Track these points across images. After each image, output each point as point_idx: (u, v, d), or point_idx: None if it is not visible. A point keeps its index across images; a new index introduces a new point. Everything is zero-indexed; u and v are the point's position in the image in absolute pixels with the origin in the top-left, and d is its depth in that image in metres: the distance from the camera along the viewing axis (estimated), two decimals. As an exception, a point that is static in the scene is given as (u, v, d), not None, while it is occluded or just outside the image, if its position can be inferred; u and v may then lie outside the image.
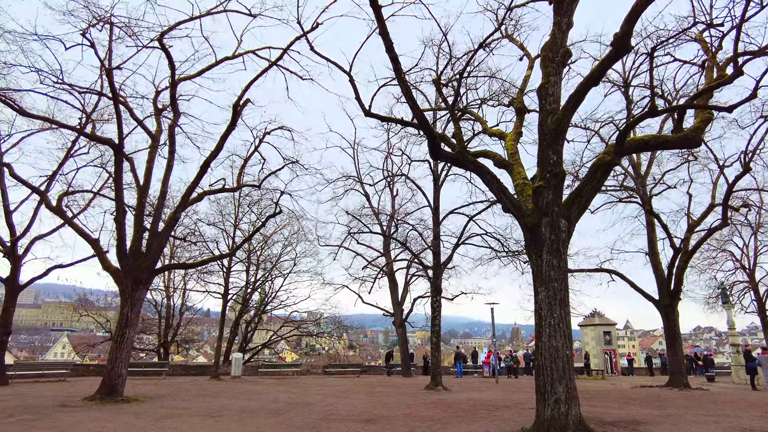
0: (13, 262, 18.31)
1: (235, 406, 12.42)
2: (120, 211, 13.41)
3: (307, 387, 18.91)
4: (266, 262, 32.31)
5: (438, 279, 20.81)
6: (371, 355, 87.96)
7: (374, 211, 29.14)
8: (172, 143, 14.67)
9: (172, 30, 13.66)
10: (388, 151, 26.48)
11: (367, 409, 12.18)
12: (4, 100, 13.24)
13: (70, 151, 18.68)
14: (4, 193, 18.44)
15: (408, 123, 12.98)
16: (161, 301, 31.23)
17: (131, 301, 13.12)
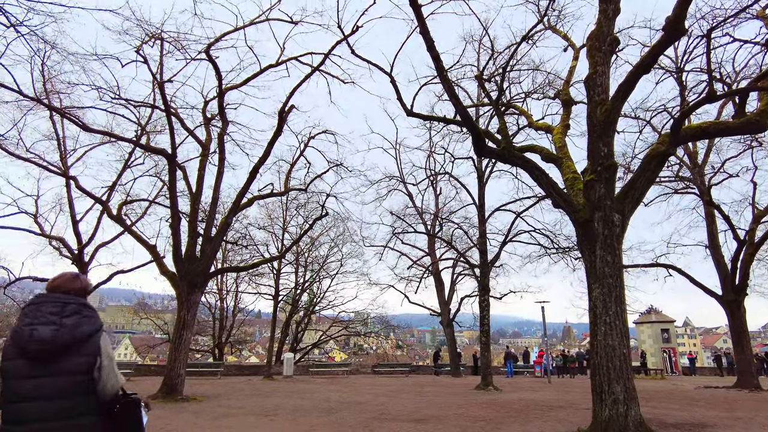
0: (81, 269, 19.55)
1: (288, 405, 12.70)
2: (175, 217, 14.03)
3: (358, 386, 19.09)
4: (314, 263, 32.93)
5: (485, 278, 20.52)
6: (419, 355, 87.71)
7: (418, 210, 29.11)
8: (222, 151, 15.19)
9: (218, 42, 14.16)
10: (430, 149, 26.36)
11: (418, 409, 12.17)
12: (69, 117, 14.15)
13: (128, 162, 19.78)
14: (71, 205, 19.75)
15: (451, 121, 12.89)
16: (215, 304, 32.41)
17: (187, 304, 13.69)
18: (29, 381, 2.31)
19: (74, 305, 2.52)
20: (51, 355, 2.36)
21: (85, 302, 2.60)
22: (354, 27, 13.34)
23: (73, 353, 2.39)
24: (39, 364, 2.34)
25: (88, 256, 19.87)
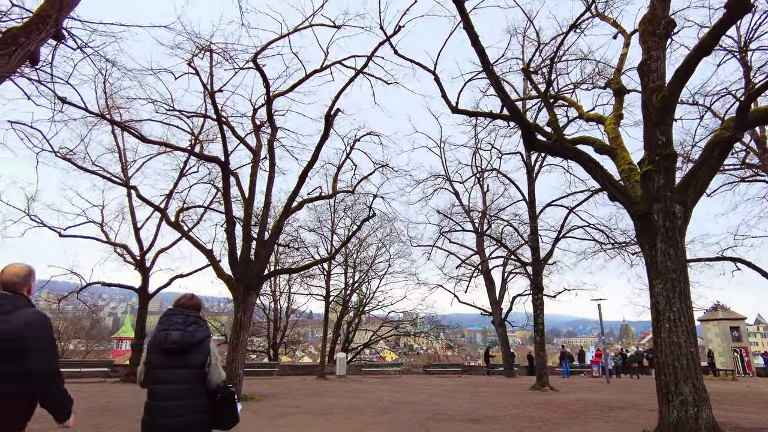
0: (143, 274, 20.63)
1: (342, 404, 12.87)
2: (229, 222, 14.54)
3: (410, 386, 19.10)
4: (362, 264, 33.27)
5: (538, 275, 20.04)
6: (470, 355, 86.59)
7: (465, 208, 28.78)
8: (272, 157, 15.61)
9: (264, 50, 14.54)
10: (476, 146, 26.00)
11: (473, 409, 12.04)
12: (129, 130, 14.96)
13: (183, 170, 20.71)
14: (132, 213, 20.90)
15: (497, 115, 12.68)
16: (269, 305, 33.33)
17: (244, 305, 14.14)
18: (165, 370, 3.32)
19: (193, 317, 3.53)
20: (179, 353, 3.34)
21: (199, 315, 3.61)
22: (396, 27, 13.36)
23: (193, 352, 3.37)
24: (171, 358, 3.33)
25: (149, 262, 20.94)
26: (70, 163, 17.23)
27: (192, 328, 3.44)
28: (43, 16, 6.39)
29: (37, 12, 6.42)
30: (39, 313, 2.97)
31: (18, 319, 2.85)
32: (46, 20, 6.39)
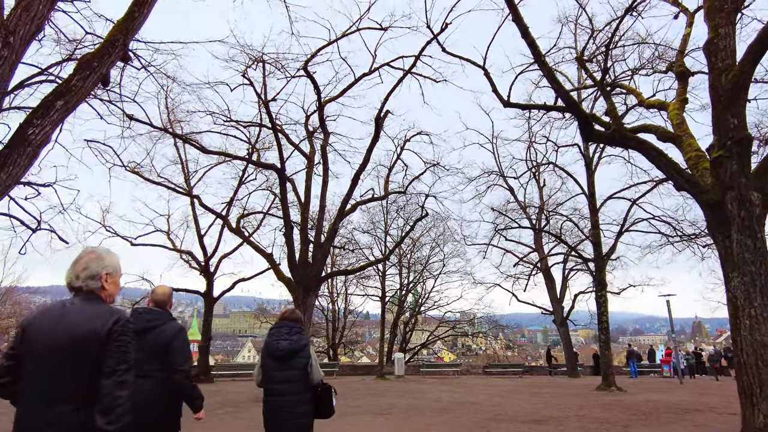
0: (208, 279, 21.62)
1: (401, 404, 12.91)
2: (287, 227, 14.98)
3: (470, 386, 18.87)
4: (416, 264, 33.21)
5: (601, 272, 19.24)
6: (531, 355, 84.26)
7: (521, 204, 28.07)
8: (325, 161, 15.95)
9: (314, 57, 14.88)
10: (529, 140, 25.30)
11: (536, 410, 11.73)
12: (190, 142, 15.75)
13: (242, 178, 21.53)
14: (196, 221, 21.96)
15: (551, 107, 12.31)
16: (327, 306, 33.96)
17: (303, 307, 14.52)
18: (278, 372, 4.17)
19: (296, 328, 4.35)
20: (286, 358, 4.18)
21: (300, 327, 4.43)
22: (443, 25, 13.30)
23: (297, 357, 4.19)
24: (281, 362, 4.18)
25: (213, 267, 21.91)
26: (138, 176, 18.36)
27: (296, 337, 4.27)
28: (112, 41, 6.83)
29: (107, 37, 6.88)
30: (180, 325, 3.80)
31: (168, 331, 3.65)
32: (114, 44, 6.84)
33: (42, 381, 2.16)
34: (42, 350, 2.20)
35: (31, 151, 5.98)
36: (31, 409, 2.16)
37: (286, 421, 4.11)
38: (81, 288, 2.35)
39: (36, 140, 6.01)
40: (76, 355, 2.16)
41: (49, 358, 2.17)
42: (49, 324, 2.23)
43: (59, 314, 2.26)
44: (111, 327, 2.20)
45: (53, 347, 2.17)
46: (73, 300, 2.34)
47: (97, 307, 2.31)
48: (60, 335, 2.18)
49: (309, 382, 4.22)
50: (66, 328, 2.20)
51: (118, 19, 7.13)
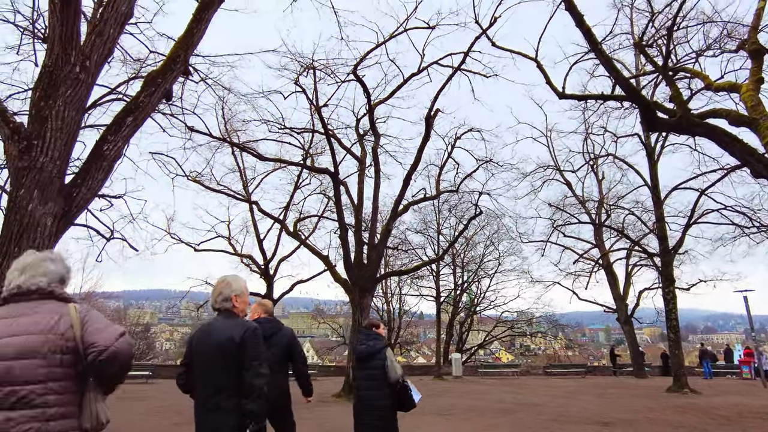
0: (267, 281, 22.36)
1: (462, 405, 12.79)
2: (342, 229, 15.23)
3: (530, 387, 18.44)
4: (471, 263, 32.76)
5: (668, 267, 18.24)
6: (593, 355, 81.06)
7: (579, 199, 27.06)
8: (377, 163, 16.08)
9: (363, 61, 15.04)
10: (586, 132, 24.33)
11: (602, 412, 11.29)
12: (248, 150, 16.35)
13: (297, 183, 22.15)
14: (255, 226, 22.79)
15: (609, 96, 11.85)
16: (381, 307, 34.18)
17: (360, 307, 14.71)
18: (360, 371, 5.00)
19: (373, 335, 5.04)
20: (366, 359, 4.90)
21: (377, 333, 5.10)
22: (492, 19, 13.09)
23: (374, 358, 4.86)
24: (362, 363, 4.94)
25: (272, 270, 22.63)
26: (200, 185, 19.25)
27: (372, 342, 4.95)
28: (174, 57, 7.20)
29: (170, 54, 7.26)
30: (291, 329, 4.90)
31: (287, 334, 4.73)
32: (176, 60, 7.21)
33: (206, 377, 3.03)
34: (202, 355, 3.07)
35: (106, 165, 6.41)
36: (203, 396, 3.03)
37: (368, 412, 4.84)
38: (220, 309, 3.19)
39: (110, 155, 6.43)
40: (223, 357, 2.96)
41: (208, 360, 3.03)
42: (204, 336, 3.11)
43: (209, 329, 3.14)
44: (243, 335, 2.98)
45: (208, 353, 3.03)
46: (217, 318, 3.20)
47: (232, 321, 3.12)
48: (211, 344, 3.03)
49: (387, 380, 4.82)
50: (214, 339, 3.03)
51: (179, 36, 7.50)
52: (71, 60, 6.05)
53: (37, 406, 1.87)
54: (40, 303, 2.08)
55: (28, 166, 5.64)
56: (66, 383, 1.97)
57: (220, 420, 2.91)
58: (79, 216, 7.02)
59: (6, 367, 1.87)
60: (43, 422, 1.87)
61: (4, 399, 1.84)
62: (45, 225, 5.66)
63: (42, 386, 1.90)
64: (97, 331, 2.02)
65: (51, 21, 6.13)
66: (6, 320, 1.99)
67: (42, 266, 2.17)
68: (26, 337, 1.93)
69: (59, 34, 5.97)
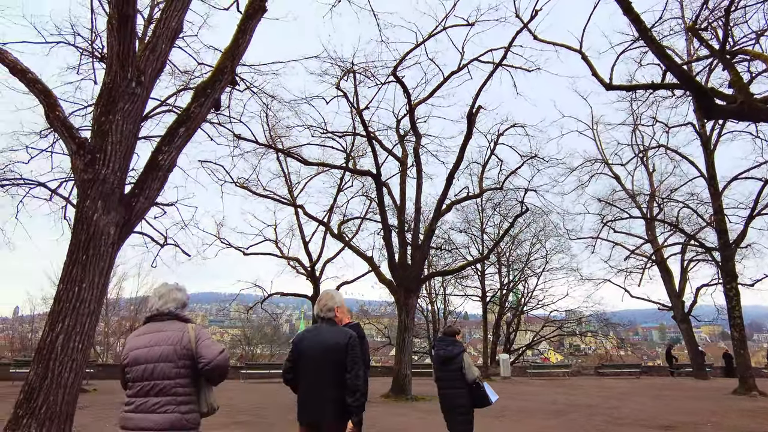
0: (314, 283, 22.76)
1: (513, 406, 12.57)
2: (386, 230, 15.30)
3: (582, 388, 17.93)
4: (517, 262, 32.10)
5: (729, 262, 17.30)
6: (647, 355, 77.82)
7: (629, 193, 26.04)
8: (418, 163, 16.03)
9: (402, 62, 15.07)
10: (634, 123, 23.37)
11: (660, 414, 10.84)
12: (292, 156, 16.70)
13: (340, 186, 22.46)
14: (300, 229, 23.25)
15: (659, 85, 11.36)
16: (426, 307, 34.03)
17: (406, 308, 14.71)
18: (441, 373, 5.69)
19: (450, 340, 5.77)
20: (446, 362, 5.61)
21: (455, 339, 5.81)
22: (533, 12, 12.82)
23: (453, 362, 5.57)
24: (443, 365, 5.65)
25: (318, 271, 23.03)
26: (247, 190, 19.82)
27: (451, 347, 5.67)
28: (221, 68, 7.44)
29: (217, 65, 7.51)
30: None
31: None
32: (223, 70, 7.44)
33: (312, 374, 3.57)
34: (310, 356, 3.61)
35: (161, 175, 6.69)
36: (308, 391, 3.60)
37: (451, 408, 5.61)
38: (324, 318, 3.79)
39: (165, 165, 6.71)
40: (330, 358, 3.54)
41: (315, 360, 3.58)
42: (313, 340, 3.67)
43: (316, 334, 3.72)
44: (347, 341, 3.57)
45: (316, 354, 3.58)
46: (321, 324, 3.78)
47: (335, 328, 3.74)
48: (318, 347, 3.60)
49: (465, 381, 5.53)
50: (321, 343, 3.61)
51: (225, 47, 7.73)
52: (128, 76, 6.36)
53: (171, 394, 2.76)
54: (170, 322, 2.95)
55: (92, 178, 5.97)
56: (187, 380, 2.83)
57: (325, 409, 3.50)
58: (138, 224, 7.38)
59: (152, 368, 2.77)
60: (176, 405, 2.76)
61: (150, 389, 2.75)
62: (108, 233, 5.98)
63: (173, 381, 2.78)
64: (205, 347, 2.84)
65: (109, 40, 6.46)
66: (150, 334, 2.88)
67: (171, 294, 3.03)
68: (163, 347, 2.80)
69: (117, 52, 6.28)
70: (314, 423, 3.60)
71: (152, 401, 2.73)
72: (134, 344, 2.90)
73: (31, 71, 6.64)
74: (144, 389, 2.77)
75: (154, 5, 13.26)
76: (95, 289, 5.70)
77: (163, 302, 3.00)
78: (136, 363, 2.81)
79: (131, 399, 2.81)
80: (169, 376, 2.77)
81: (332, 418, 3.49)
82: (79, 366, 5.39)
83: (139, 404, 2.75)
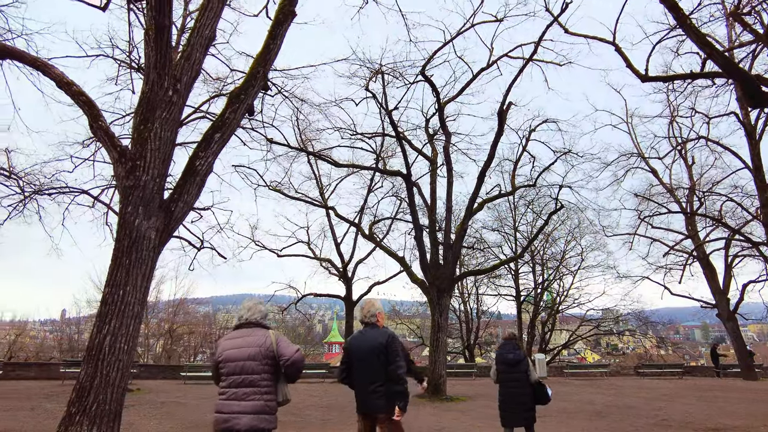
0: (346, 284, 22.90)
1: (552, 407, 12.14)
2: (417, 230, 15.24)
3: (621, 389, 17.41)
4: (551, 260, 31.47)
5: (778, 256, 16.52)
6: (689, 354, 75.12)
7: (667, 187, 25.17)
8: (449, 162, 15.90)
9: (430, 60, 14.99)
10: (671, 115, 22.58)
11: (709, 417, 10.41)
12: (323, 158, 16.83)
13: (371, 187, 22.57)
14: (332, 230, 23.45)
15: (699, 74, 10.93)
16: (458, 307, 33.74)
17: (439, 308, 14.61)
18: (508, 374, 6.45)
19: (513, 344, 6.69)
20: (514, 365, 6.41)
21: (517, 344, 6.74)
22: (563, 5, 12.56)
23: (520, 364, 6.41)
24: (510, 367, 6.44)
25: (350, 272, 23.15)
26: (280, 193, 20.10)
27: (517, 351, 6.56)
28: (254, 73, 7.54)
29: (250, 71, 7.61)
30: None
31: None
32: (256, 76, 7.54)
33: (362, 372, 4.39)
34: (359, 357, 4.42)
35: (199, 180, 6.83)
36: (362, 385, 4.38)
37: (516, 405, 6.36)
38: (367, 322, 4.55)
39: (202, 170, 6.85)
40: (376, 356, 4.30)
41: (364, 358, 4.37)
42: (360, 342, 4.48)
43: (362, 337, 4.50)
44: (387, 341, 4.33)
45: (364, 353, 4.38)
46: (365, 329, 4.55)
47: (378, 330, 4.49)
48: (365, 348, 4.39)
49: (529, 381, 6.37)
50: (367, 343, 4.40)
51: (257, 53, 7.83)
52: (164, 84, 6.53)
53: (256, 386, 3.46)
54: (255, 329, 3.68)
55: (133, 185, 6.15)
56: (269, 375, 3.54)
57: (377, 400, 4.26)
58: (177, 228, 7.56)
59: (242, 365, 3.48)
60: (260, 395, 3.46)
61: (241, 382, 3.46)
62: (150, 238, 6.15)
63: (258, 376, 3.49)
64: (285, 347, 3.55)
65: (146, 51, 6.65)
66: (241, 338, 3.60)
67: (257, 308, 3.82)
68: (251, 348, 3.51)
69: (154, 62, 6.46)
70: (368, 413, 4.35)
71: (242, 391, 3.44)
72: (227, 346, 3.63)
73: (75, 84, 6.90)
74: (235, 381, 3.47)
75: (186, 15, 13.61)
76: (138, 292, 5.87)
77: (250, 313, 3.76)
78: (229, 360, 3.53)
79: (225, 389, 3.52)
80: (255, 371, 3.48)
81: (382, 408, 4.23)
82: (125, 366, 5.57)
83: (231, 394, 3.46)
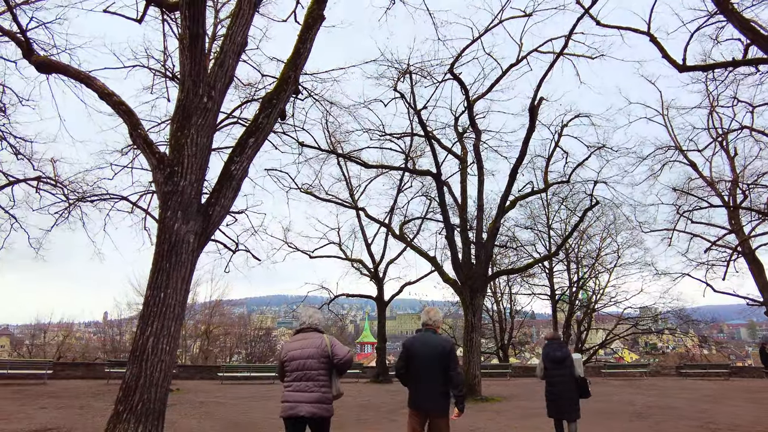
0: (378, 284, 22.92)
1: (589, 408, 11.92)
2: (448, 229, 15.15)
3: (663, 389, 16.90)
4: (587, 257, 30.73)
5: (832, 250, 15.68)
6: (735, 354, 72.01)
7: (707, 180, 24.18)
8: (479, 160, 15.75)
9: (459, 58, 14.87)
10: (710, 105, 21.66)
11: (760, 419, 9.99)
12: (353, 160, 16.94)
13: (400, 187, 22.52)
14: (363, 231, 23.53)
15: (742, 62, 10.48)
16: (491, 307, 33.35)
17: (472, 308, 14.49)
18: (555, 371, 6.96)
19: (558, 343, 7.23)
20: (560, 362, 6.94)
21: (562, 342, 7.36)
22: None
23: (566, 361, 6.95)
24: (556, 364, 6.96)
25: (381, 273, 23.17)
26: (311, 196, 20.34)
27: (564, 349, 7.08)
28: (285, 78, 7.65)
29: (281, 75, 7.73)
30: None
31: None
32: (287, 80, 7.65)
33: (424, 372, 4.64)
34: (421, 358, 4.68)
35: (235, 184, 6.99)
36: (419, 386, 4.66)
37: (562, 399, 6.84)
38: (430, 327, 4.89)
39: (237, 174, 7.00)
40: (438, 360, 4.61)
41: (426, 361, 4.65)
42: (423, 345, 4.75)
43: (425, 340, 4.78)
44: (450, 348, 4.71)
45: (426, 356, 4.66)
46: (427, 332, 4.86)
47: (440, 336, 4.86)
48: (428, 350, 4.68)
49: (574, 376, 6.92)
50: (430, 347, 4.69)
51: (287, 57, 7.94)
52: (199, 91, 6.71)
53: (316, 380, 4.20)
54: (313, 333, 4.43)
55: (172, 190, 6.33)
56: (325, 371, 4.27)
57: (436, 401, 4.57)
58: (214, 232, 7.74)
59: (303, 363, 4.23)
60: (319, 387, 4.18)
61: (303, 377, 4.19)
62: (188, 242, 6.32)
63: (316, 372, 4.22)
64: (339, 349, 4.32)
65: (181, 59, 6.84)
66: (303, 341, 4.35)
67: (315, 315, 4.60)
68: (310, 350, 4.26)
69: (189, 70, 6.64)
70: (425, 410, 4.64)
71: (304, 384, 4.18)
72: (290, 347, 4.39)
73: (116, 94, 7.16)
74: (298, 377, 4.20)
75: (216, 23, 13.93)
76: (179, 294, 6.04)
77: (312, 320, 4.53)
78: (292, 359, 4.26)
79: (290, 383, 4.24)
80: (313, 368, 4.22)
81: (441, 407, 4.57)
82: (167, 366, 5.75)
83: (295, 387, 4.19)
